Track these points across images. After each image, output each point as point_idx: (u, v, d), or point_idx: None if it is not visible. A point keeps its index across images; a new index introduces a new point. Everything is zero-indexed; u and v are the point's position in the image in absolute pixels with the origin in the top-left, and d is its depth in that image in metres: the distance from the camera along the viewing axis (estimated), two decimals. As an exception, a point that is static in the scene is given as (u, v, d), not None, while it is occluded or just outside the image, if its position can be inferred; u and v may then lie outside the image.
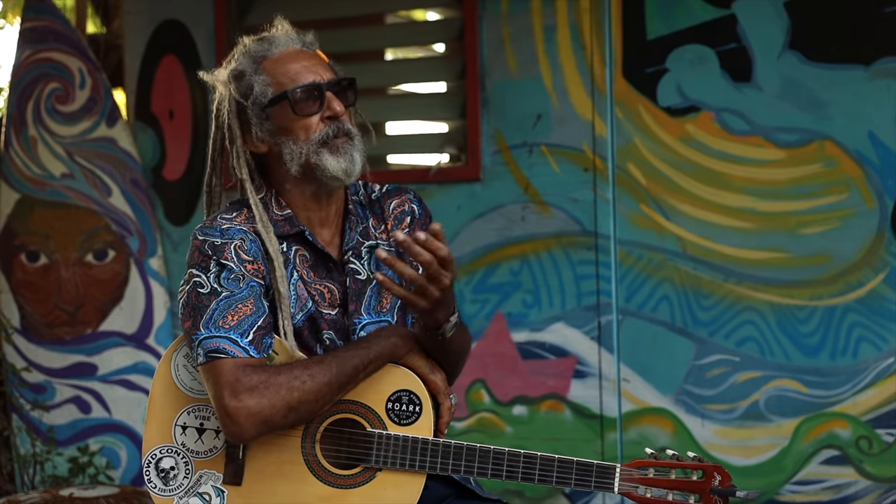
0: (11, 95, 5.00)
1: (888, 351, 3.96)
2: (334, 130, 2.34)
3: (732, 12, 4.10)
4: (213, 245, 2.31)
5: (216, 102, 2.43)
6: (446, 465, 2.28)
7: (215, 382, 2.21)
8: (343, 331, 2.38)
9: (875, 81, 3.94)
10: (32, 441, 4.86)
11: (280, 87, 2.34)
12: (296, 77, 2.34)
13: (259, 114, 2.36)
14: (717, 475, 2.21)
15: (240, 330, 2.24)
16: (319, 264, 2.39)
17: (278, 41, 2.39)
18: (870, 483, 3.99)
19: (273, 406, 2.20)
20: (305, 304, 2.36)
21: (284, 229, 2.37)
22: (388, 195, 2.49)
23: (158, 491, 2.34)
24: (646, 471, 2.23)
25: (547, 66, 4.34)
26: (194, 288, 2.28)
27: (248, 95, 2.36)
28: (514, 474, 2.26)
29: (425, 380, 2.32)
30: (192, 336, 2.26)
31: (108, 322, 4.93)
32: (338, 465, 2.30)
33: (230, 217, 2.36)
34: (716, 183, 4.14)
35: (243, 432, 2.20)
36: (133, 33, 5.01)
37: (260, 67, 2.37)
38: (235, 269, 2.29)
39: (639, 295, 4.24)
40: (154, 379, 2.37)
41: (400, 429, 2.29)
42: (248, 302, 2.27)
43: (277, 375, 2.22)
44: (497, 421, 4.45)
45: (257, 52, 2.38)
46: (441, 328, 2.28)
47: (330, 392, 2.24)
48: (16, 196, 4.98)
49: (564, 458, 2.25)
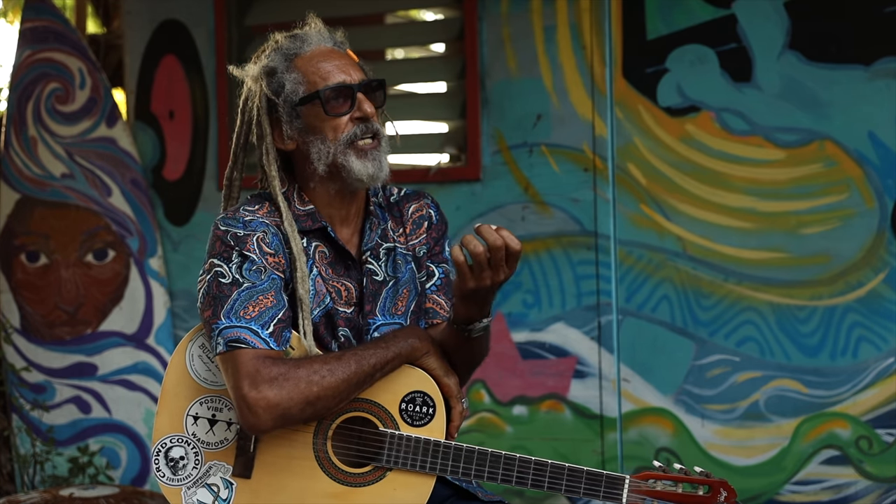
0: (11, 95, 5.00)
1: (888, 351, 3.96)
2: (362, 130, 2.35)
3: (732, 12, 4.10)
4: (236, 236, 2.31)
5: (243, 97, 2.44)
6: (457, 468, 2.28)
7: (235, 372, 2.22)
8: (357, 329, 2.39)
9: (875, 81, 3.94)
10: (32, 441, 4.85)
11: (312, 86, 2.35)
12: (327, 76, 2.35)
13: (290, 112, 2.37)
14: (724, 491, 2.23)
15: (261, 321, 2.25)
16: (338, 262, 2.40)
17: (310, 39, 2.40)
18: (870, 483, 3.99)
19: (291, 399, 2.20)
20: (323, 300, 2.36)
21: (306, 224, 2.38)
22: (406, 199, 2.51)
23: (167, 480, 2.34)
24: (654, 483, 2.24)
25: (547, 66, 4.34)
26: (215, 277, 2.28)
27: (280, 93, 2.37)
28: (524, 480, 2.27)
29: (439, 382, 2.32)
30: (211, 325, 2.26)
31: (108, 322, 4.93)
32: (348, 462, 2.31)
33: (252, 209, 2.37)
34: (716, 183, 4.15)
35: (260, 423, 2.20)
36: (133, 33, 5.01)
37: (292, 65, 2.38)
38: (257, 260, 2.29)
39: (639, 295, 4.25)
40: (168, 368, 2.37)
41: (412, 430, 2.30)
42: (269, 294, 2.27)
43: (297, 369, 2.22)
44: (497, 421, 4.45)
45: (289, 50, 2.39)
46: (472, 325, 2.29)
47: (347, 389, 2.25)
48: (16, 196, 4.98)
49: (574, 467, 2.25)
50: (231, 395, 2.23)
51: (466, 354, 2.38)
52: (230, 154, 2.47)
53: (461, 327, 2.30)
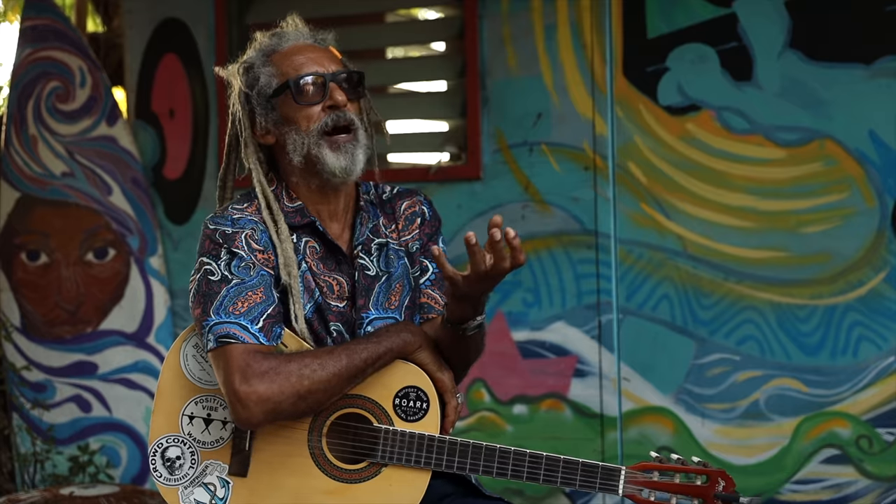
0: (12, 94, 5.00)
1: (888, 350, 3.96)
2: (334, 119, 2.36)
3: (733, 11, 4.10)
4: (224, 234, 2.33)
5: (231, 98, 2.46)
6: (452, 462, 2.29)
7: (225, 367, 2.23)
8: (350, 324, 2.40)
9: (875, 80, 3.94)
10: (33, 440, 4.86)
11: (284, 78, 2.38)
12: (300, 68, 2.38)
13: (264, 104, 2.39)
14: (721, 480, 2.22)
15: (250, 317, 2.26)
16: (329, 256, 2.41)
17: (289, 36, 2.44)
18: (870, 482, 3.99)
19: (283, 392, 2.21)
20: (313, 294, 2.37)
21: (296, 220, 2.39)
22: (399, 196, 2.52)
23: (164, 480, 2.34)
24: (650, 474, 2.24)
25: (547, 64, 4.34)
26: (205, 276, 2.30)
27: (254, 86, 2.40)
28: (520, 473, 2.27)
29: (433, 377, 2.33)
30: (202, 322, 2.28)
31: (109, 321, 4.93)
32: (343, 459, 2.31)
33: (241, 207, 2.39)
34: (716, 182, 4.14)
35: (252, 417, 2.21)
36: (133, 32, 5.01)
37: (268, 60, 2.41)
38: (246, 257, 2.31)
39: (639, 294, 4.24)
40: (163, 368, 2.38)
41: (406, 425, 2.30)
42: (258, 290, 2.29)
43: (288, 363, 2.23)
44: (497, 420, 4.45)
45: (268, 47, 2.43)
46: (465, 324, 2.30)
47: (339, 383, 2.25)
48: (16, 195, 4.98)
49: (570, 459, 2.25)
50: (222, 390, 2.24)
51: (462, 352, 2.38)
52: (223, 156, 2.50)
53: (455, 326, 2.31)
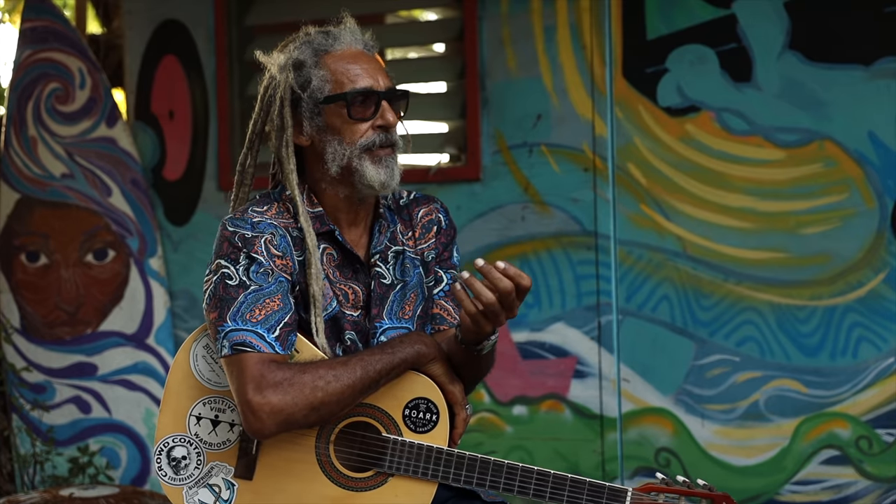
0: (11, 95, 5.00)
1: (888, 351, 3.96)
2: (381, 140, 2.34)
3: (732, 12, 4.10)
4: (244, 237, 2.29)
5: (265, 84, 2.40)
6: (459, 476, 2.28)
7: (239, 376, 2.21)
8: (363, 333, 2.38)
9: (875, 81, 3.94)
10: (32, 441, 4.85)
11: (338, 86, 2.33)
12: (355, 79, 2.33)
13: (312, 108, 2.34)
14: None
15: (267, 325, 2.23)
16: (346, 265, 2.39)
17: (342, 37, 2.37)
18: (870, 483, 3.99)
19: (296, 404, 2.20)
20: (329, 303, 2.35)
21: (315, 227, 2.36)
22: (416, 203, 2.49)
23: (168, 480, 2.34)
24: (656, 496, 2.24)
25: (547, 66, 4.34)
26: (222, 279, 2.26)
27: (306, 87, 2.34)
28: (526, 490, 2.26)
29: (444, 389, 2.31)
30: (217, 327, 2.25)
31: (108, 322, 4.92)
32: (350, 467, 2.30)
33: (261, 210, 2.35)
34: (716, 183, 4.15)
35: (264, 428, 2.20)
36: (133, 33, 5.01)
37: (321, 61, 2.35)
38: (265, 263, 2.27)
39: (639, 295, 4.24)
40: (171, 367, 2.36)
41: (415, 436, 2.29)
42: (275, 297, 2.26)
43: (302, 374, 2.21)
44: (497, 421, 4.45)
45: (320, 46, 2.36)
46: (481, 345, 2.28)
47: (352, 395, 2.24)
48: (16, 196, 4.98)
49: (577, 479, 2.24)
50: (235, 398, 2.23)
51: (474, 369, 2.36)
52: (245, 140, 2.43)
53: (470, 346, 2.29)
